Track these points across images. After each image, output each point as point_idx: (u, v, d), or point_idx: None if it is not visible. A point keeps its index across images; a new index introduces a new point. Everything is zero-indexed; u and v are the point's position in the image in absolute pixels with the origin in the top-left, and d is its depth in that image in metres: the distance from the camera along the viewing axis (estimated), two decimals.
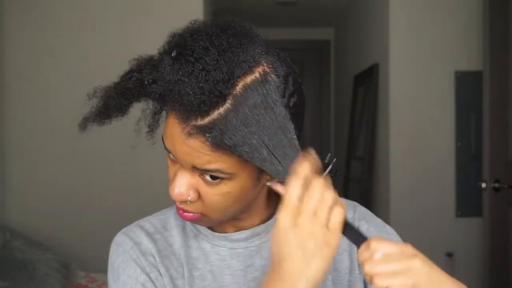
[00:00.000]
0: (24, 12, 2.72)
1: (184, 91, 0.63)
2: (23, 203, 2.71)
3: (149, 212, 0.89)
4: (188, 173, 0.71)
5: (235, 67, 0.64)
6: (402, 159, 2.85)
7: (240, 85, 0.64)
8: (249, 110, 0.64)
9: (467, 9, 2.81)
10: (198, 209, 0.73)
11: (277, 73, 0.67)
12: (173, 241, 0.83)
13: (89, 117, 0.75)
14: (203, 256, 0.82)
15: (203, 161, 0.67)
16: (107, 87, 0.74)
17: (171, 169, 0.74)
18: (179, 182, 0.71)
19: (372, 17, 3.34)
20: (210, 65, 0.63)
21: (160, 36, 0.74)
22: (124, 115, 0.74)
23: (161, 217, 0.86)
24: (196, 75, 0.63)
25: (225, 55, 0.64)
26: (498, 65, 2.40)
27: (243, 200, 0.74)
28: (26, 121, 2.72)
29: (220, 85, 0.63)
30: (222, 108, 0.64)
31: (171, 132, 0.68)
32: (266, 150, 0.65)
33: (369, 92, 3.28)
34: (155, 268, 0.80)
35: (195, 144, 0.66)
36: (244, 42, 0.66)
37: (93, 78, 3.00)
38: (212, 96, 0.63)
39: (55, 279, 2.19)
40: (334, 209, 0.65)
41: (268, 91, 0.65)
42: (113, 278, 0.81)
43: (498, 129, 2.41)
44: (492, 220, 2.42)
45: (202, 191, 0.71)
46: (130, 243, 0.81)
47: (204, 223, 0.77)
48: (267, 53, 0.68)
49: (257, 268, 0.81)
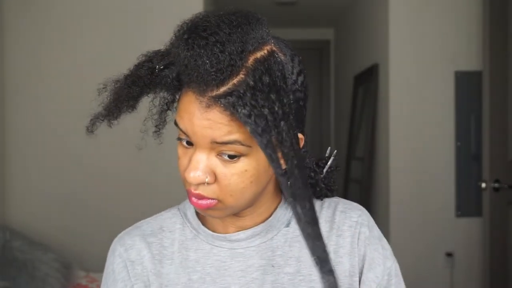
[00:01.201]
0: (24, 12, 2.72)
1: (201, 61, 0.65)
2: (23, 203, 2.71)
3: (150, 212, 0.89)
4: (205, 154, 0.71)
5: (247, 42, 0.67)
6: (402, 159, 2.85)
7: (252, 59, 0.67)
8: (261, 83, 0.66)
9: (467, 9, 2.81)
10: (214, 194, 0.72)
11: (284, 52, 0.72)
12: (169, 243, 0.83)
13: (99, 115, 0.76)
14: (202, 258, 0.81)
15: (223, 132, 0.68)
16: (118, 79, 0.75)
17: (184, 158, 0.74)
18: (195, 165, 0.71)
19: (372, 17, 3.34)
20: (224, 38, 0.66)
21: (160, 35, 0.75)
22: (133, 109, 0.75)
23: (160, 218, 0.86)
24: (211, 46, 0.65)
25: (236, 31, 0.67)
26: (498, 65, 2.40)
27: (258, 183, 0.74)
28: (27, 121, 2.72)
29: (234, 55, 0.66)
30: (236, 79, 0.66)
31: (188, 110, 0.69)
32: (269, 123, 0.65)
33: (369, 92, 3.28)
34: (140, 280, 0.81)
35: (214, 116, 0.67)
36: (253, 22, 0.69)
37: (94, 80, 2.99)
38: (228, 65, 0.65)
39: (55, 279, 2.19)
40: None
41: (278, 66, 0.68)
42: (104, 284, 0.84)
43: (498, 129, 2.41)
44: (492, 220, 2.42)
45: (219, 173, 0.71)
46: (122, 250, 0.82)
47: (219, 212, 0.76)
48: (273, 36, 0.73)
49: (257, 268, 0.81)
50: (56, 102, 2.72)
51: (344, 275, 0.82)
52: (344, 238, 0.84)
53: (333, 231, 0.84)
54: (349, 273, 0.82)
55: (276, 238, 0.83)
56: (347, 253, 0.83)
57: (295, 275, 0.81)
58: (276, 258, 0.81)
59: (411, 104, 2.85)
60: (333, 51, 4.87)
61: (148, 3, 2.79)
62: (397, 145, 2.86)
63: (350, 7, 4.01)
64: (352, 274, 0.82)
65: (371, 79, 3.20)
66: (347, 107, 3.99)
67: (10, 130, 2.70)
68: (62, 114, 2.70)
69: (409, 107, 2.85)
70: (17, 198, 2.71)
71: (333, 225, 0.85)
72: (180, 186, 1.44)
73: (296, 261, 0.82)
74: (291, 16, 4.36)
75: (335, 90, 4.80)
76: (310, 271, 0.81)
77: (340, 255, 0.83)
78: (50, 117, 2.72)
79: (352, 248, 0.83)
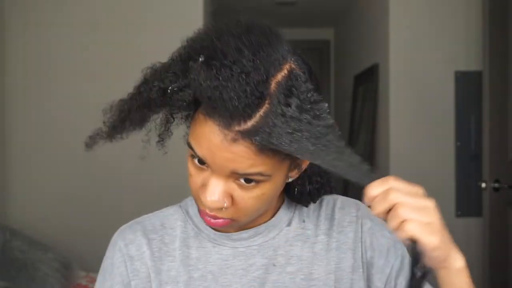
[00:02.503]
0: (25, 13, 2.72)
1: (227, 96, 0.61)
2: (23, 203, 2.71)
3: (149, 212, 0.89)
4: (222, 179, 0.69)
5: (270, 66, 0.64)
6: (402, 159, 2.85)
7: (274, 84, 0.64)
8: (285, 106, 0.63)
9: (467, 9, 2.81)
10: (229, 215, 0.72)
11: (302, 70, 0.68)
12: (170, 240, 0.82)
13: (100, 132, 0.73)
14: (204, 256, 0.81)
15: (246, 165, 0.66)
16: (123, 101, 0.72)
17: (197, 177, 0.72)
18: (213, 190, 0.69)
19: (372, 17, 3.33)
20: (248, 67, 0.62)
21: (160, 35, 0.75)
22: (141, 129, 0.72)
23: (161, 214, 0.86)
24: (236, 78, 0.62)
25: (259, 55, 0.63)
26: (498, 65, 2.40)
27: (273, 199, 0.75)
28: (27, 121, 2.72)
29: (261, 86, 0.62)
30: (262, 110, 0.63)
31: (209, 140, 0.66)
32: (310, 142, 0.63)
33: (369, 92, 3.28)
34: (137, 276, 0.80)
35: (239, 150, 0.65)
36: (272, 41, 0.66)
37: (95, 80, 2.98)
38: (254, 98, 0.62)
39: (55, 279, 2.19)
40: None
41: (297, 86, 0.64)
42: (101, 276, 0.83)
43: (498, 129, 2.41)
44: (492, 220, 2.42)
45: (236, 196, 0.70)
46: (122, 244, 0.82)
47: (231, 228, 0.78)
48: (291, 51, 0.69)
49: (259, 267, 0.81)
50: (57, 102, 2.72)
51: (348, 271, 0.82)
52: (346, 234, 0.84)
53: (334, 227, 0.85)
54: (352, 268, 0.83)
55: (278, 237, 0.83)
56: (350, 249, 0.83)
57: (297, 274, 0.81)
58: (278, 257, 0.82)
59: (411, 104, 2.85)
60: (333, 51, 4.87)
61: (147, 6, 2.78)
62: (397, 145, 2.86)
63: (350, 7, 4.01)
64: (354, 269, 0.83)
65: (371, 79, 3.20)
66: (347, 107, 3.98)
67: (10, 130, 2.70)
68: (63, 114, 2.70)
69: (409, 107, 2.85)
70: (17, 198, 2.71)
71: (333, 221, 0.85)
72: (182, 186, 1.44)
73: (298, 260, 0.82)
74: (291, 16, 4.35)
75: (335, 90, 4.80)
76: (312, 270, 0.82)
77: (343, 251, 0.83)
78: (50, 117, 2.72)
79: (355, 243, 0.83)
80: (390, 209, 0.64)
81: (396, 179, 0.65)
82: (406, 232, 0.62)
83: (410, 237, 0.63)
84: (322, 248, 0.83)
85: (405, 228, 0.62)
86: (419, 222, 0.62)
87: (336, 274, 0.82)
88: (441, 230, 0.65)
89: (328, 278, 0.81)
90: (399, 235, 0.63)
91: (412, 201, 0.63)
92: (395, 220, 0.63)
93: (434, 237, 0.63)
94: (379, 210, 0.64)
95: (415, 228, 0.62)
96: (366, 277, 0.83)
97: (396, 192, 0.63)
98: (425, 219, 0.63)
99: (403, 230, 0.62)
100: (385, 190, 0.64)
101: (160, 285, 0.80)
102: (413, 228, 0.62)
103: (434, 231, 0.63)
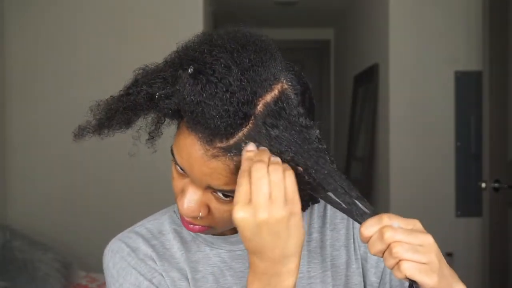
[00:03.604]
0: (25, 12, 2.72)
1: (209, 114, 0.62)
2: (23, 203, 2.71)
3: (149, 212, 0.89)
4: (200, 189, 0.69)
5: (258, 87, 0.63)
6: (402, 159, 2.85)
7: (261, 104, 0.63)
8: (270, 127, 0.63)
9: (467, 9, 2.81)
10: (206, 222, 0.73)
11: (295, 90, 0.67)
12: (171, 245, 0.82)
13: (89, 125, 0.72)
14: (203, 259, 0.82)
15: (222, 182, 0.66)
16: (112, 100, 0.71)
17: (178, 181, 0.72)
18: (189, 198, 0.70)
19: (372, 17, 3.34)
20: (234, 86, 0.62)
21: (159, 35, 0.74)
22: (126, 129, 0.71)
23: (156, 222, 0.85)
24: (220, 97, 0.61)
25: (248, 74, 0.63)
26: (498, 65, 2.40)
27: None
28: (27, 121, 2.72)
29: (245, 107, 0.62)
30: (245, 129, 0.63)
31: (189, 152, 0.66)
32: (291, 163, 0.63)
33: (369, 92, 3.28)
34: (157, 272, 0.79)
35: (217, 166, 0.65)
36: (265, 59, 0.65)
37: (95, 80, 2.98)
38: (237, 118, 0.62)
39: (56, 279, 2.19)
40: (285, 178, 0.62)
41: (286, 109, 0.64)
42: (115, 286, 0.79)
43: (498, 129, 2.41)
44: (492, 220, 2.42)
45: (213, 208, 0.71)
46: (127, 250, 0.80)
47: (210, 232, 0.78)
48: (285, 69, 0.67)
49: None
50: (57, 102, 2.72)
51: (343, 267, 0.83)
52: (338, 231, 0.85)
53: (326, 225, 0.85)
54: (346, 265, 0.83)
55: None
56: (343, 245, 0.84)
57: None
58: None
59: (411, 104, 2.85)
60: (333, 51, 4.87)
61: (147, 6, 2.78)
62: (397, 145, 2.86)
63: (350, 7, 4.01)
64: (348, 265, 0.83)
65: (371, 79, 3.20)
66: (347, 107, 3.98)
67: (10, 130, 2.70)
68: (63, 114, 2.70)
69: (409, 107, 2.85)
70: (17, 198, 2.71)
71: (325, 219, 0.86)
72: None
73: None
74: (291, 16, 4.36)
75: (335, 90, 4.80)
76: (309, 268, 0.82)
77: (337, 248, 0.84)
78: (50, 117, 2.72)
79: (347, 240, 0.84)
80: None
81: (390, 216, 0.64)
82: (402, 272, 0.61)
83: (407, 277, 0.61)
84: (317, 246, 0.84)
85: (401, 268, 0.61)
86: (416, 262, 0.61)
87: (332, 271, 0.83)
88: (439, 269, 0.62)
89: (325, 275, 0.82)
90: (395, 274, 0.62)
91: (408, 239, 0.61)
92: (391, 260, 0.61)
93: (431, 277, 0.61)
94: (375, 251, 0.63)
95: (411, 268, 0.61)
96: (362, 272, 0.83)
97: (391, 230, 0.62)
98: (422, 258, 0.61)
99: (399, 270, 0.61)
100: (380, 229, 0.62)
101: (173, 283, 0.79)
102: (409, 268, 0.61)
103: (431, 271, 0.61)
